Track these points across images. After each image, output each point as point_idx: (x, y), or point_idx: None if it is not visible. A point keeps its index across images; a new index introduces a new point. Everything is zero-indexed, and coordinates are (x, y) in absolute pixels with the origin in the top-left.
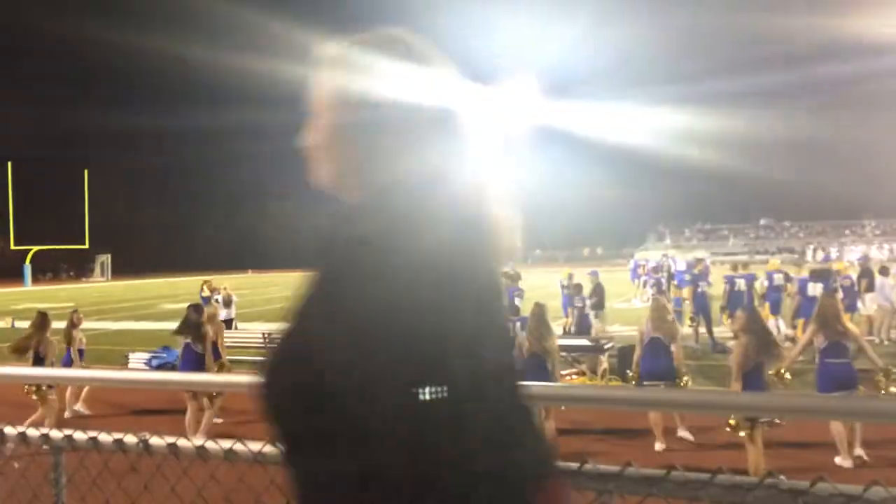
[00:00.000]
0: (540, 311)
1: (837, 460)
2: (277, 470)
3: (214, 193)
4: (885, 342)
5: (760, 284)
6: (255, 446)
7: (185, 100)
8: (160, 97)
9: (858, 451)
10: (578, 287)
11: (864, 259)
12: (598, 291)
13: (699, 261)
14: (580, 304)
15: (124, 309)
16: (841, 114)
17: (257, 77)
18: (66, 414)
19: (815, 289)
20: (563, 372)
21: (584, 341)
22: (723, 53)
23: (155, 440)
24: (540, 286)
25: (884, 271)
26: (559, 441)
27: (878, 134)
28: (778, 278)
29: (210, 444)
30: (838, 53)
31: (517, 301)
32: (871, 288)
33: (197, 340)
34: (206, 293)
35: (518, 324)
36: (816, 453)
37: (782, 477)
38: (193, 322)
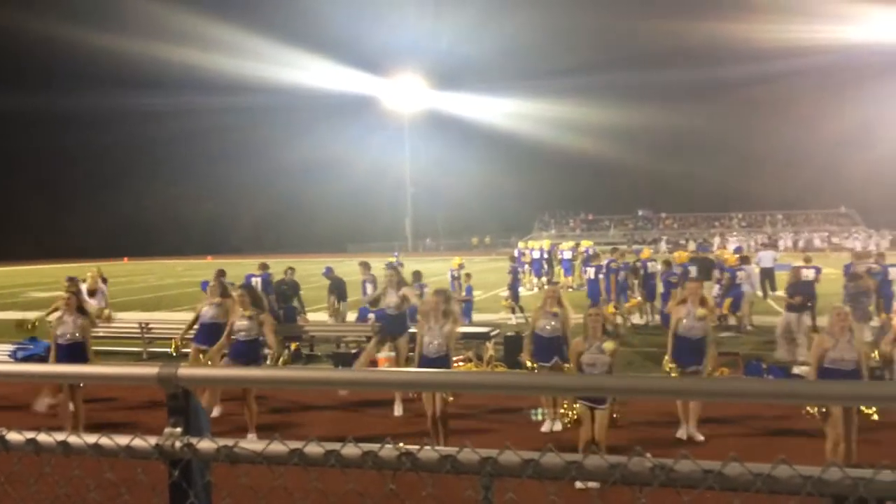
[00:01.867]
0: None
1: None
2: (146, 464)
3: (89, 179)
4: (749, 327)
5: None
6: (122, 440)
7: (58, 82)
8: (30, 79)
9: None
10: (468, 276)
11: (738, 249)
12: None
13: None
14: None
15: None
16: (715, 111)
17: (136, 61)
18: None
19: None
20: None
21: (471, 329)
22: (606, 48)
23: (12, 435)
24: (431, 274)
25: (745, 260)
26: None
27: (747, 132)
28: (651, 266)
29: (73, 439)
30: (716, 54)
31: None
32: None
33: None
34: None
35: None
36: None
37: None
38: None
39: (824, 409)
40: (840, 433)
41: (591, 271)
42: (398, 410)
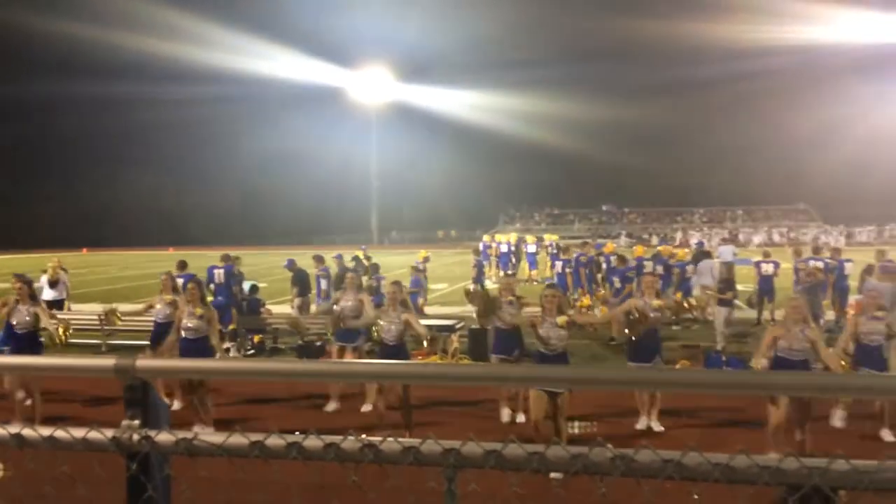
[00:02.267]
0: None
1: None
2: (103, 457)
3: (49, 168)
4: (711, 318)
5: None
6: (79, 432)
7: (23, 68)
8: None
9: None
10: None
11: (700, 244)
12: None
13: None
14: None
15: None
16: (679, 108)
17: (96, 49)
18: None
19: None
20: (415, 351)
21: (436, 321)
22: (573, 42)
23: None
24: (396, 266)
25: (707, 255)
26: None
27: (710, 129)
28: (613, 260)
29: (27, 432)
30: (681, 51)
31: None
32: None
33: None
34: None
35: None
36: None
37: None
38: None
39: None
40: (782, 416)
41: (559, 265)
42: (331, 406)
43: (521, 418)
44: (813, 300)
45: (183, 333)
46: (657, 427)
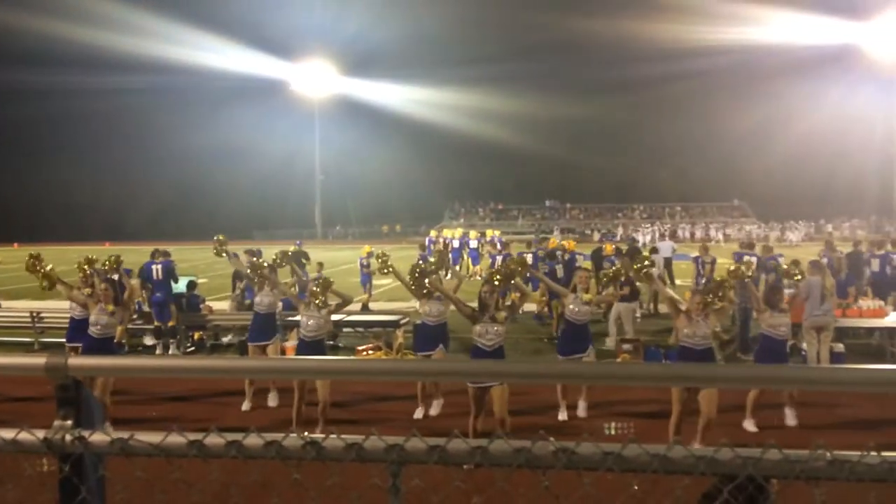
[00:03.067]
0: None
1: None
2: (36, 458)
3: None
4: (651, 311)
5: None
6: (8, 434)
7: None
8: None
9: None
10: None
11: (632, 240)
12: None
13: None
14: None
15: None
16: (621, 105)
17: (29, 35)
18: None
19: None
20: (360, 347)
21: (381, 317)
22: (516, 38)
23: None
24: (341, 262)
25: (654, 251)
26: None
27: (650, 127)
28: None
29: None
30: (623, 50)
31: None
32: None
33: None
34: None
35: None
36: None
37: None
38: None
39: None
40: (679, 410)
41: (499, 260)
42: (246, 406)
43: (433, 411)
44: (744, 294)
45: (90, 330)
46: (562, 415)
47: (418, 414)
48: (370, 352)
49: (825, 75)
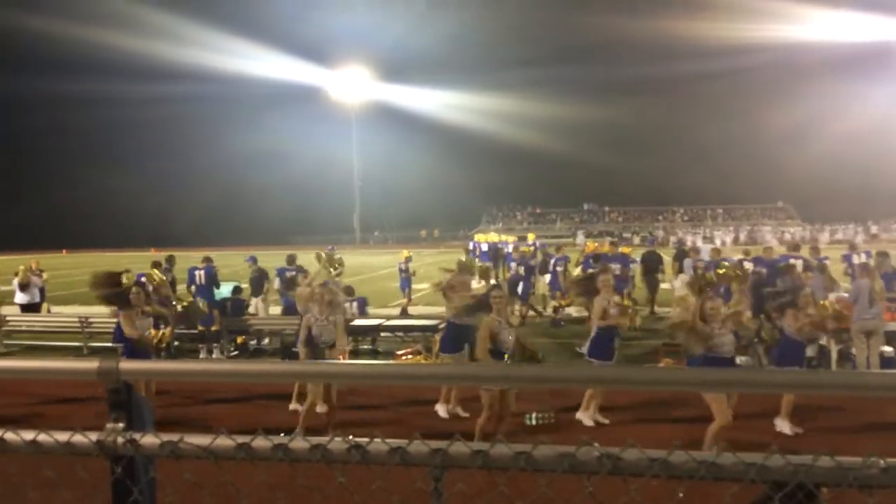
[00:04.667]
0: None
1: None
2: (88, 461)
3: (28, 168)
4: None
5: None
6: (62, 436)
7: None
8: None
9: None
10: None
11: (679, 243)
12: None
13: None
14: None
15: None
16: (660, 107)
17: (77, 46)
18: None
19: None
20: (399, 352)
21: (419, 321)
22: (554, 43)
23: None
24: (380, 266)
25: (692, 253)
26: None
27: (690, 127)
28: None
29: (9, 436)
30: (662, 50)
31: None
32: (682, 269)
33: None
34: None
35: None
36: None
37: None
38: None
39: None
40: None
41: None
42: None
43: (443, 413)
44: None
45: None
46: (588, 421)
47: (441, 411)
48: (409, 356)
49: (869, 72)
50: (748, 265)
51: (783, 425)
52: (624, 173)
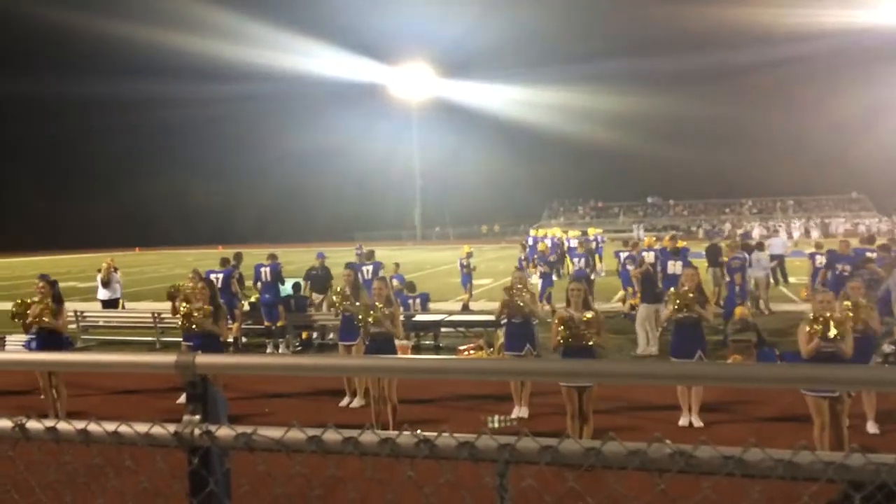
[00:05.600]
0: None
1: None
2: (169, 451)
3: (99, 169)
4: (766, 312)
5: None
6: (142, 427)
7: (66, 68)
8: (37, 67)
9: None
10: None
11: (746, 236)
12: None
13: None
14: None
15: (1, 288)
16: (724, 98)
17: (149, 47)
18: None
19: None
20: (462, 347)
21: (481, 317)
22: (616, 36)
23: (33, 424)
24: (441, 262)
25: (759, 247)
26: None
27: (758, 117)
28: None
29: (93, 427)
30: (725, 39)
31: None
32: (750, 263)
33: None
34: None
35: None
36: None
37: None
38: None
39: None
40: (825, 419)
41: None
42: (355, 402)
43: (524, 413)
44: (870, 294)
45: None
46: (697, 422)
47: (517, 413)
48: (471, 352)
49: None
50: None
51: (873, 427)
52: (689, 165)
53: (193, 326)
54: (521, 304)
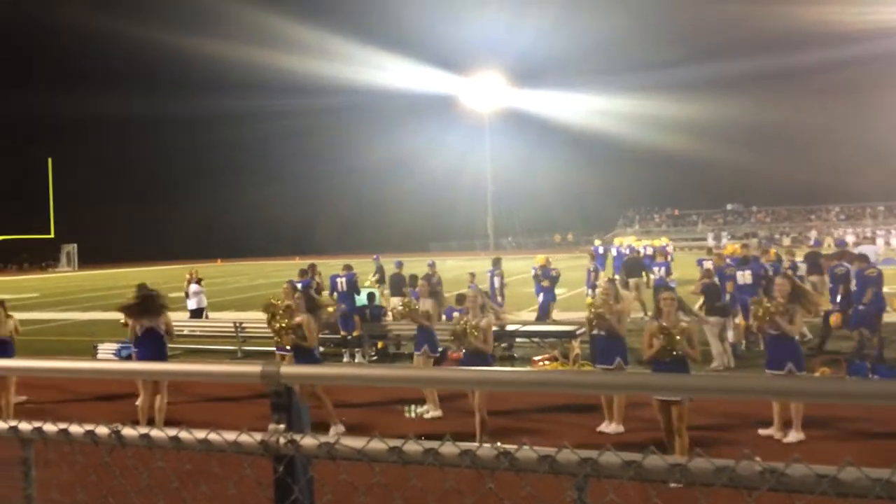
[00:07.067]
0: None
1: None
2: (254, 459)
3: (182, 182)
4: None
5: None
6: (230, 436)
7: (152, 87)
8: (125, 84)
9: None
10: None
11: (841, 243)
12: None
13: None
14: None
15: (92, 299)
16: (806, 101)
17: (229, 63)
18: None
19: (744, 276)
20: (536, 357)
21: (556, 327)
22: (691, 41)
23: (128, 430)
24: (515, 272)
25: (848, 256)
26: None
27: (841, 122)
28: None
29: (184, 434)
30: (804, 41)
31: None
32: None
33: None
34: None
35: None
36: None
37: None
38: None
39: None
40: None
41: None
42: (434, 413)
43: (612, 428)
44: None
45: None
46: (797, 437)
47: (606, 428)
48: (546, 362)
49: None
50: None
51: None
52: (771, 171)
53: (287, 346)
54: (608, 317)
